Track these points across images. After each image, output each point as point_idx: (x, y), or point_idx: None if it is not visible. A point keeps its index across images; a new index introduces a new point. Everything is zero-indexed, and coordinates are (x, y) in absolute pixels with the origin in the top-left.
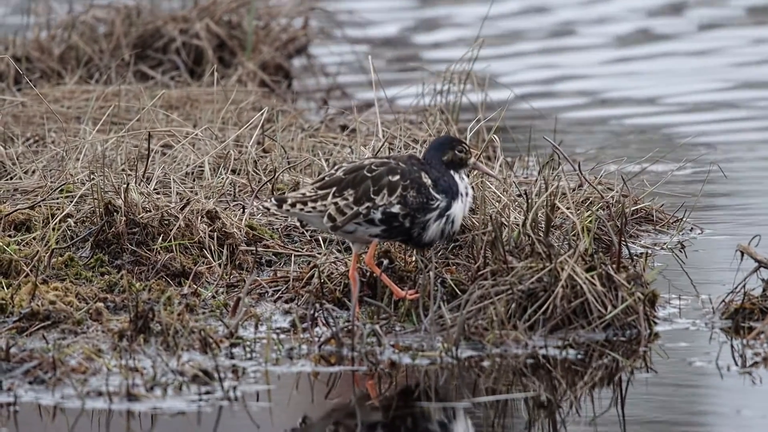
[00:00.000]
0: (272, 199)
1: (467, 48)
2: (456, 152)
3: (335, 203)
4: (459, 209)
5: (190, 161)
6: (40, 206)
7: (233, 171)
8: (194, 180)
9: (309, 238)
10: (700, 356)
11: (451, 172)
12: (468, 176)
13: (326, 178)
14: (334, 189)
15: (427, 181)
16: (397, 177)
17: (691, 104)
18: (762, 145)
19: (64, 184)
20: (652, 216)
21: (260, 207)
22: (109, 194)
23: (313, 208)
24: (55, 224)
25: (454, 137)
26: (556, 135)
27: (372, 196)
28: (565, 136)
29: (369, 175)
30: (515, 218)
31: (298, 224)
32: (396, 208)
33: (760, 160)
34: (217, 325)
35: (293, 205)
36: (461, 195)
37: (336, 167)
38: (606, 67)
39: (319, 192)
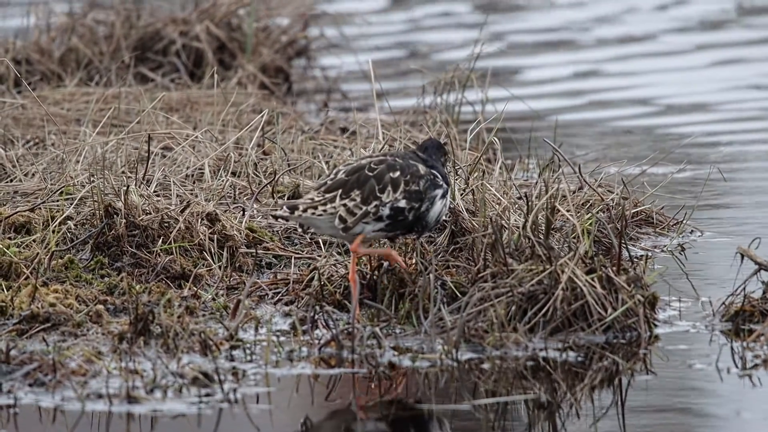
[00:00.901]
0: (284, 206)
1: (524, 57)
2: (447, 156)
3: (344, 205)
4: (449, 199)
5: (190, 163)
6: (40, 208)
7: (233, 173)
8: (194, 182)
9: (309, 240)
10: (700, 359)
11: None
12: None
13: (328, 182)
14: (340, 191)
15: (425, 171)
16: (398, 173)
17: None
18: (764, 149)
19: (64, 187)
20: (652, 218)
21: (271, 215)
22: (109, 196)
23: (324, 211)
24: (55, 227)
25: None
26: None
27: (378, 194)
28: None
29: (371, 174)
30: (515, 221)
31: (298, 228)
32: (402, 203)
33: (762, 166)
34: (217, 328)
35: (305, 210)
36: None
37: (335, 170)
38: (667, 75)
39: (327, 195)
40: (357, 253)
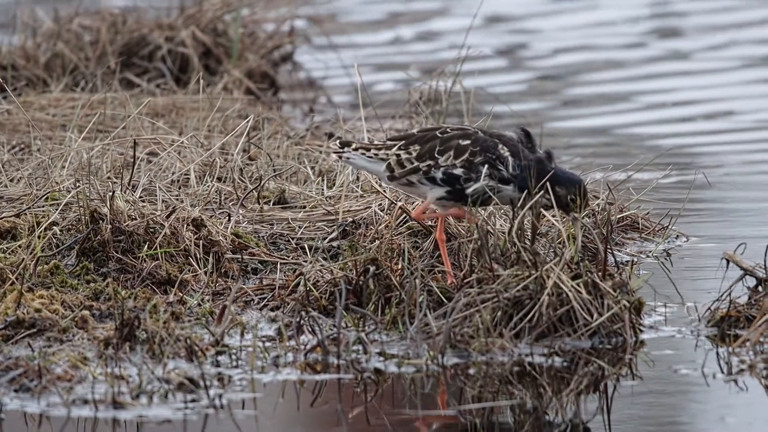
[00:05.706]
0: (337, 141)
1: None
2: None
3: (398, 155)
4: (507, 194)
5: (175, 169)
6: (25, 214)
7: (219, 179)
8: (180, 188)
9: (294, 246)
10: (686, 364)
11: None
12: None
13: (401, 133)
14: (402, 142)
15: (507, 155)
16: (468, 142)
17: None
18: (750, 154)
19: (49, 192)
20: (638, 224)
21: (326, 149)
22: (94, 202)
23: (375, 155)
24: (41, 232)
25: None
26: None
27: (436, 155)
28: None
29: (440, 135)
30: (501, 226)
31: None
32: (459, 171)
33: (750, 169)
34: (202, 333)
35: (356, 149)
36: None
37: (415, 128)
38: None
39: (388, 142)
40: (418, 219)
